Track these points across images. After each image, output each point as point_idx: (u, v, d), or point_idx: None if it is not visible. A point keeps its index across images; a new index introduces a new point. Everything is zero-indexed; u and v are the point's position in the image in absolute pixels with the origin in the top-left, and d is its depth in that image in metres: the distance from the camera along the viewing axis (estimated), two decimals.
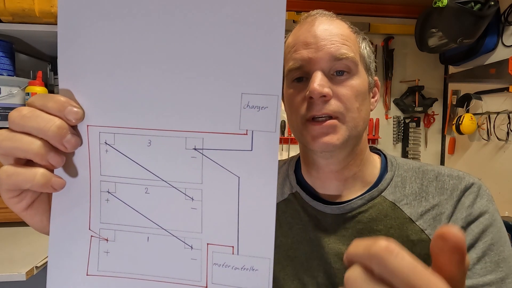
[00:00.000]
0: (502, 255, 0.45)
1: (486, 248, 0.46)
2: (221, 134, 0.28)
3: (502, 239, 0.47)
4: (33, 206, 0.30)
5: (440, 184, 0.50)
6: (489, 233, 0.46)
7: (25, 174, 0.27)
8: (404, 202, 0.50)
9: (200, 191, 0.29)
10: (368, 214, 0.50)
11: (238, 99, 0.27)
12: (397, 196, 0.51)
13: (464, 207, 0.48)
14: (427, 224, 0.48)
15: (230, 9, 0.27)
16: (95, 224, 0.30)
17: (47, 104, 0.27)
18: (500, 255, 0.45)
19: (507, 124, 1.48)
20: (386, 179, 0.52)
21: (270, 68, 0.27)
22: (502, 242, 0.46)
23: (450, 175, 0.51)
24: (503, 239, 0.47)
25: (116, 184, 0.29)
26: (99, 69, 0.28)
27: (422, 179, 0.51)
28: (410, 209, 0.49)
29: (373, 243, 0.21)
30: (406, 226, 0.48)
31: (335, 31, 0.48)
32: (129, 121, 0.29)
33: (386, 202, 0.50)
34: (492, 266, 0.45)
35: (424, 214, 0.49)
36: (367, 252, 0.21)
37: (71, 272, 0.30)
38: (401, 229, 0.48)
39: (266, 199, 0.28)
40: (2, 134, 0.27)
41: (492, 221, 0.47)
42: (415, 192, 0.51)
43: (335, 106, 0.46)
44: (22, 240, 0.90)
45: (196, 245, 0.29)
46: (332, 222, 0.51)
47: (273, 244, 0.28)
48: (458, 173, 0.51)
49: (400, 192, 0.51)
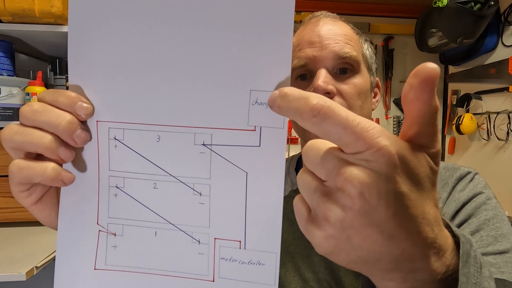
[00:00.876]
0: (500, 231, 0.45)
1: (481, 223, 0.45)
2: (230, 130, 0.28)
3: (499, 216, 0.46)
4: (42, 200, 0.30)
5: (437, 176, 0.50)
6: (483, 210, 0.46)
7: (36, 168, 0.27)
8: None
9: (208, 186, 0.29)
10: None
11: (247, 96, 0.27)
12: None
13: (457, 191, 0.49)
14: None
15: (239, 6, 0.27)
16: (103, 218, 0.30)
17: (58, 99, 0.28)
18: (497, 231, 0.45)
19: (507, 124, 1.48)
20: None
21: (278, 65, 0.27)
22: (499, 219, 0.46)
23: (445, 168, 0.52)
24: (500, 216, 0.46)
25: (124, 179, 0.30)
26: (109, 65, 0.28)
27: None
28: None
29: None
30: None
31: (339, 31, 0.49)
32: (138, 117, 0.29)
33: None
34: (490, 239, 0.44)
35: None
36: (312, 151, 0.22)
37: (79, 266, 0.30)
38: None
39: (273, 194, 0.28)
40: (13, 128, 0.27)
41: (486, 200, 0.47)
42: None
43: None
44: (22, 240, 0.90)
45: (203, 240, 0.29)
46: None
47: (280, 239, 0.28)
48: (453, 166, 0.53)
49: None
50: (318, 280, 0.50)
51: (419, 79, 0.20)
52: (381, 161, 0.19)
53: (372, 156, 0.19)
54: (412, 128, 0.21)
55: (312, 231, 0.22)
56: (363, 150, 0.20)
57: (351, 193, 0.20)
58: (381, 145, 0.19)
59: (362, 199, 0.19)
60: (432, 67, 0.19)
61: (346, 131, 0.20)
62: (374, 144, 0.19)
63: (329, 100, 0.21)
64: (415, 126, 0.21)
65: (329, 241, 0.21)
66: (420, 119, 0.20)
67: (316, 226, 0.22)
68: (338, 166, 0.20)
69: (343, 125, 0.20)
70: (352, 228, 0.20)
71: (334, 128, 0.20)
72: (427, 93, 0.20)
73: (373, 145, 0.19)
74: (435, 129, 0.21)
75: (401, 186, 0.20)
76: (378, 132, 0.20)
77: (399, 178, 0.20)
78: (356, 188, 0.19)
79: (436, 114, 0.20)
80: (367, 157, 0.20)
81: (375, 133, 0.19)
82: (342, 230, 0.20)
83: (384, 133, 0.20)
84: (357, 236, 0.20)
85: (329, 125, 0.20)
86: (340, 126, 0.20)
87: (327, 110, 0.20)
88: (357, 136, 0.19)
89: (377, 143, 0.19)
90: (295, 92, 0.23)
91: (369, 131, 0.19)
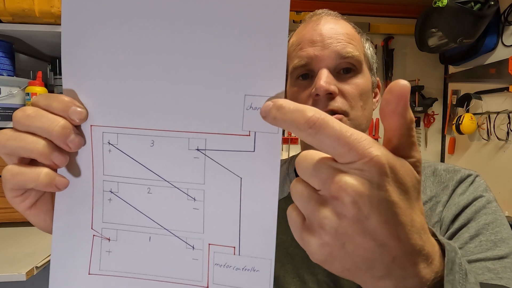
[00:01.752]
0: (500, 236, 0.44)
1: (480, 227, 0.45)
2: (224, 135, 0.28)
3: (499, 220, 0.46)
4: (36, 205, 0.30)
5: (438, 178, 0.51)
6: (483, 214, 0.46)
7: (29, 173, 0.27)
8: None
9: (202, 192, 0.29)
10: None
11: (241, 101, 0.27)
12: None
13: (457, 194, 0.48)
14: (424, 215, 0.48)
15: (234, 11, 0.27)
16: (98, 223, 0.30)
17: (52, 104, 0.27)
18: (497, 235, 0.44)
19: (507, 124, 1.48)
20: None
21: (273, 70, 0.27)
22: (499, 223, 0.45)
23: (446, 170, 0.52)
24: (500, 221, 0.46)
25: (118, 184, 0.30)
26: (102, 70, 0.28)
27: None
28: None
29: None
30: None
31: (341, 30, 0.49)
32: (132, 121, 0.29)
33: None
34: (489, 244, 0.44)
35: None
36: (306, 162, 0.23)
37: (74, 271, 0.30)
38: None
39: (268, 199, 0.28)
40: (7, 134, 0.27)
41: (486, 204, 0.46)
42: None
43: (340, 103, 0.46)
44: (22, 240, 0.90)
45: (197, 245, 0.29)
46: None
47: (274, 245, 0.28)
48: (454, 167, 0.52)
49: None
50: (318, 281, 0.50)
51: (394, 95, 0.21)
52: (373, 170, 0.20)
53: (365, 166, 0.20)
54: (392, 141, 0.22)
55: (308, 239, 0.23)
56: (356, 160, 0.20)
57: (345, 201, 0.20)
58: (373, 155, 0.20)
59: (356, 207, 0.20)
60: (404, 83, 0.21)
61: (340, 141, 0.21)
62: (367, 154, 0.20)
63: (323, 113, 0.22)
64: (394, 139, 0.22)
65: (324, 248, 0.22)
66: (397, 131, 0.22)
67: (312, 234, 0.22)
68: (332, 175, 0.21)
69: (337, 136, 0.21)
70: (346, 236, 0.21)
71: (329, 139, 0.21)
72: (401, 106, 0.21)
73: (365, 155, 0.20)
74: (413, 140, 0.23)
75: (392, 194, 0.21)
76: (370, 143, 0.21)
77: (389, 187, 0.20)
78: (350, 196, 0.20)
79: (411, 125, 0.22)
80: (359, 166, 0.20)
81: (367, 144, 0.20)
82: (337, 238, 0.21)
83: (375, 143, 0.21)
84: (351, 243, 0.21)
85: (323, 136, 0.21)
86: (334, 137, 0.21)
87: (322, 122, 0.21)
88: (350, 146, 0.20)
89: (369, 153, 0.20)
90: (290, 104, 0.23)
91: (362, 142, 0.20)
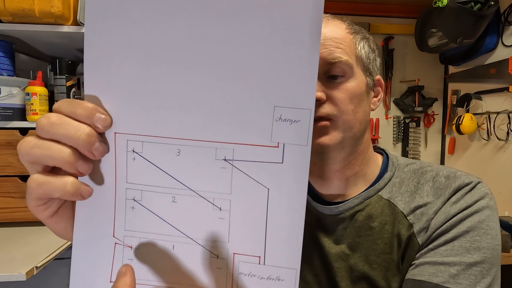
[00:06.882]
0: (477, 244, 0.43)
1: (457, 234, 0.44)
2: (252, 146, 0.28)
3: (483, 230, 0.44)
4: (58, 214, 0.30)
5: (436, 184, 0.50)
6: (467, 222, 0.45)
7: (56, 183, 0.26)
8: (399, 198, 0.50)
9: (229, 202, 0.28)
10: (365, 212, 0.50)
11: (270, 112, 0.27)
12: (393, 194, 0.51)
13: (450, 203, 0.47)
14: (415, 218, 0.48)
15: (268, 21, 0.26)
16: (120, 231, 0.30)
17: (76, 111, 0.27)
18: (474, 244, 0.43)
19: (507, 124, 1.48)
20: (384, 178, 0.52)
21: (304, 82, 0.26)
22: (481, 233, 0.44)
23: (447, 176, 0.50)
24: (485, 230, 0.44)
25: (142, 192, 0.29)
26: (127, 76, 0.28)
27: (419, 179, 0.51)
28: (404, 204, 0.50)
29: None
30: (398, 221, 0.49)
31: (328, 35, 0.48)
32: (158, 130, 0.28)
33: (382, 200, 0.51)
34: (460, 250, 0.43)
35: (415, 210, 0.49)
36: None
37: (95, 279, 0.30)
38: (394, 224, 0.49)
39: (295, 211, 0.28)
40: (31, 141, 0.27)
41: (474, 212, 0.45)
42: (410, 190, 0.51)
43: (328, 109, 0.46)
44: (22, 240, 0.90)
45: (222, 254, 0.29)
46: (331, 222, 0.52)
47: (300, 254, 0.28)
48: (456, 174, 0.50)
49: (396, 191, 0.51)
50: (319, 282, 0.51)
51: None
52: None
53: None
54: None
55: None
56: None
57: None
58: None
59: None
60: None
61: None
62: None
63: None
64: None
65: None
66: None
67: None
68: None
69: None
70: None
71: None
72: None
73: None
74: None
75: None
76: None
77: None
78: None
79: None
80: None
81: None
82: None
83: None
84: None
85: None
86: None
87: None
88: None
89: None
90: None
91: None
